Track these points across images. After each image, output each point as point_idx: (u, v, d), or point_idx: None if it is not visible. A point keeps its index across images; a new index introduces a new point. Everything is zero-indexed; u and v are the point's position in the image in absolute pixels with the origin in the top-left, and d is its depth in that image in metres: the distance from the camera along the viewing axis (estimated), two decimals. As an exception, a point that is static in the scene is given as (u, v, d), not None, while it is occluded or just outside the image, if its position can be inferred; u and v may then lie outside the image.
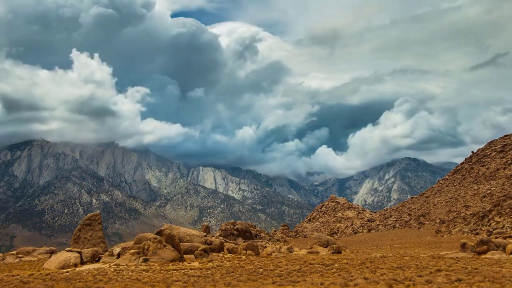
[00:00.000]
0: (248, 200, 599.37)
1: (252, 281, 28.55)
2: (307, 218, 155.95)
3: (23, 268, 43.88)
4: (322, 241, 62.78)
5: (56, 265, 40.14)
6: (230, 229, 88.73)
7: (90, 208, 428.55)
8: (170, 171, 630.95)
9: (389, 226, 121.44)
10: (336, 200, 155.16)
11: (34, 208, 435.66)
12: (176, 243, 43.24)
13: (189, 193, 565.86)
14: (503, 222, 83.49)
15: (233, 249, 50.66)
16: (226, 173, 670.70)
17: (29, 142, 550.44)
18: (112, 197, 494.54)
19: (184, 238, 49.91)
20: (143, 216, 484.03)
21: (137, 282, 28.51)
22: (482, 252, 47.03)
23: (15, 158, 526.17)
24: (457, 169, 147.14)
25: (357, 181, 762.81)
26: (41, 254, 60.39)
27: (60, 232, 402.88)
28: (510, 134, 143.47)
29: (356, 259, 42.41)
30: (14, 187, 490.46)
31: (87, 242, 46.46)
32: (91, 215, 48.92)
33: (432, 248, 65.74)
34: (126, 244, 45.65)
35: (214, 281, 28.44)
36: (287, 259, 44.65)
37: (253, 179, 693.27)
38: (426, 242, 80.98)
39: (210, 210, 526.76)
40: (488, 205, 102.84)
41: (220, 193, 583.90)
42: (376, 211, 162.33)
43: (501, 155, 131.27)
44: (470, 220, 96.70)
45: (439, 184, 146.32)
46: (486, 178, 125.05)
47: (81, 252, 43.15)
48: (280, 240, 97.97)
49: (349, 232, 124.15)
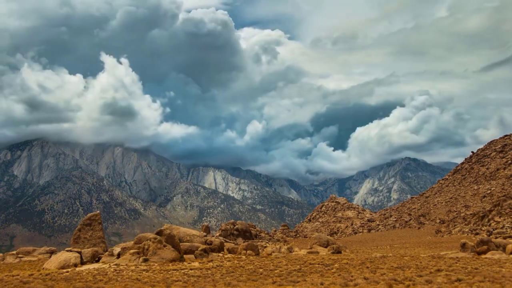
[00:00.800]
0: (248, 200, 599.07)
1: (252, 281, 28.55)
2: (307, 218, 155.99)
3: (23, 268, 43.88)
4: (322, 241, 62.81)
5: (56, 265, 40.14)
6: (230, 229, 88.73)
7: (90, 208, 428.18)
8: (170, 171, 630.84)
9: (389, 226, 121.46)
10: (336, 200, 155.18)
11: (34, 208, 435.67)
12: (176, 243, 43.25)
13: (189, 193, 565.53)
14: (503, 222, 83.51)
15: (233, 249, 50.66)
16: (226, 173, 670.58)
17: (29, 142, 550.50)
18: (112, 197, 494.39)
19: (184, 238, 49.91)
20: (143, 216, 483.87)
21: (137, 282, 28.51)
22: (482, 252, 47.04)
23: (15, 158, 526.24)
24: (457, 169, 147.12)
25: (357, 181, 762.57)
26: (41, 254, 60.42)
27: (60, 232, 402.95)
28: (510, 134, 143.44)
29: (356, 259, 42.41)
30: (14, 187, 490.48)
31: (87, 242, 46.46)
32: (91, 215, 48.93)
33: (432, 248, 65.74)
34: (126, 244, 45.66)
35: (214, 281, 28.44)
36: (287, 259, 44.64)
37: (253, 179, 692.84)
38: (426, 242, 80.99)
39: (210, 210, 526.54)
40: (488, 205, 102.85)
41: (220, 193, 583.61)
42: (376, 211, 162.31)
43: (501, 155, 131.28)
44: (470, 220, 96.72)
45: (439, 184, 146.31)
46: (486, 178, 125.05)
47: (81, 252, 43.16)
48: (280, 240, 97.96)
49: (349, 232, 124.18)
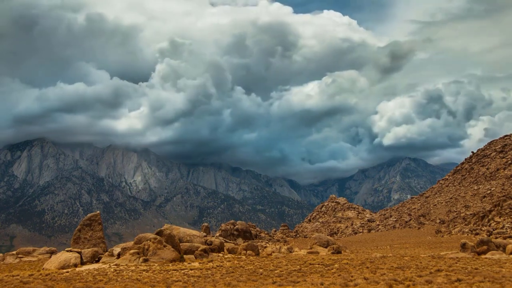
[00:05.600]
0: (248, 200, 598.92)
1: (252, 281, 28.54)
2: (307, 218, 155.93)
3: (23, 268, 43.87)
4: (322, 241, 62.84)
5: (56, 265, 40.13)
6: (230, 229, 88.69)
7: (90, 208, 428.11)
8: (170, 171, 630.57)
9: (389, 226, 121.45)
10: (336, 200, 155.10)
11: (34, 208, 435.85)
12: (176, 243, 43.26)
13: (189, 193, 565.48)
14: (503, 222, 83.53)
15: (233, 249, 50.66)
16: (226, 173, 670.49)
17: (29, 142, 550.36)
18: (112, 197, 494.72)
19: (184, 238, 49.90)
20: (143, 216, 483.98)
21: (137, 282, 28.50)
22: (482, 252, 47.04)
23: (15, 158, 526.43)
24: (457, 169, 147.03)
25: (357, 181, 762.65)
26: (41, 254, 60.43)
27: (60, 232, 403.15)
28: (510, 134, 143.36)
29: (356, 259, 42.40)
30: (14, 187, 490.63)
31: (87, 242, 46.45)
32: (91, 215, 48.92)
33: (432, 248, 65.73)
34: (126, 244, 45.66)
35: (214, 281, 28.44)
36: (287, 259, 44.63)
37: (253, 179, 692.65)
38: (426, 242, 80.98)
39: (210, 210, 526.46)
40: (488, 205, 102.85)
41: (220, 193, 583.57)
42: (376, 211, 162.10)
43: (501, 155, 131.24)
44: (470, 220, 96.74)
45: (439, 184, 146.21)
46: (486, 178, 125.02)
47: (81, 252, 43.15)
48: (280, 240, 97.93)
49: (349, 232, 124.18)
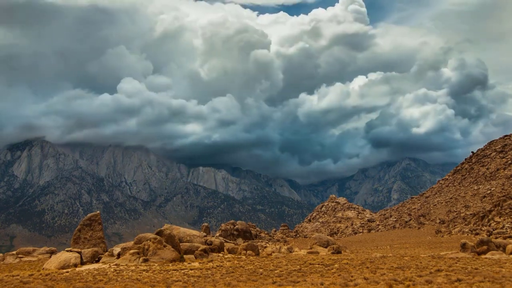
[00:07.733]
0: (248, 200, 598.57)
1: (252, 281, 28.54)
2: (307, 218, 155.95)
3: (23, 268, 43.88)
4: (322, 241, 62.85)
5: (56, 265, 40.13)
6: (230, 229, 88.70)
7: (90, 208, 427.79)
8: (170, 171, 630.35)
9: (389, 226, 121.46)
10: (336, 200, 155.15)
11: (34, 208, 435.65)
12: (176, 243, 43.27)
13: (189, 193, 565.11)
14: (503, 222, 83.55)
15: (233, 249, 50.67)
16: (226, 173, 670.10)
17: (29, 142, 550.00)
18: (112, 197, 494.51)
19: (184, 238, 49.91)
20: (143, 216, 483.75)
21: (137, 282, 28.50)
22: (482, 252, 47.05)
23: (15, 158, 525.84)
24: (457, 169, 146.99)
25: (357, 181, 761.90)
26: (41, 254, 60.44)
27: (60, 232, 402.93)
28: (510, 134, 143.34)
29: (356, 259, 42.40)
30: (14, 187, 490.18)
31: (87, 242, 46.46)
32: (91, 215, 48.92)
33: (432, 248, 65.74)
34: (126, 244, 45.67)
35: (214, 281, 28.44)
36: (287, 259, 44.63)
37: (253, 179, 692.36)
38: (426, 242, 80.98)
39: (210, 210, 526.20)
40: (488, 205, 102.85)
41: (220, 193, 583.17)
42: (376, 211, 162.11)
43: (501, 155, 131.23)
44: (470, 220, 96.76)
45: (439, 184, 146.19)
46: (486, 178, 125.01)
47: (81, 252, 43.15)
48: (280, 240, 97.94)
49: (349, 232, 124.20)
